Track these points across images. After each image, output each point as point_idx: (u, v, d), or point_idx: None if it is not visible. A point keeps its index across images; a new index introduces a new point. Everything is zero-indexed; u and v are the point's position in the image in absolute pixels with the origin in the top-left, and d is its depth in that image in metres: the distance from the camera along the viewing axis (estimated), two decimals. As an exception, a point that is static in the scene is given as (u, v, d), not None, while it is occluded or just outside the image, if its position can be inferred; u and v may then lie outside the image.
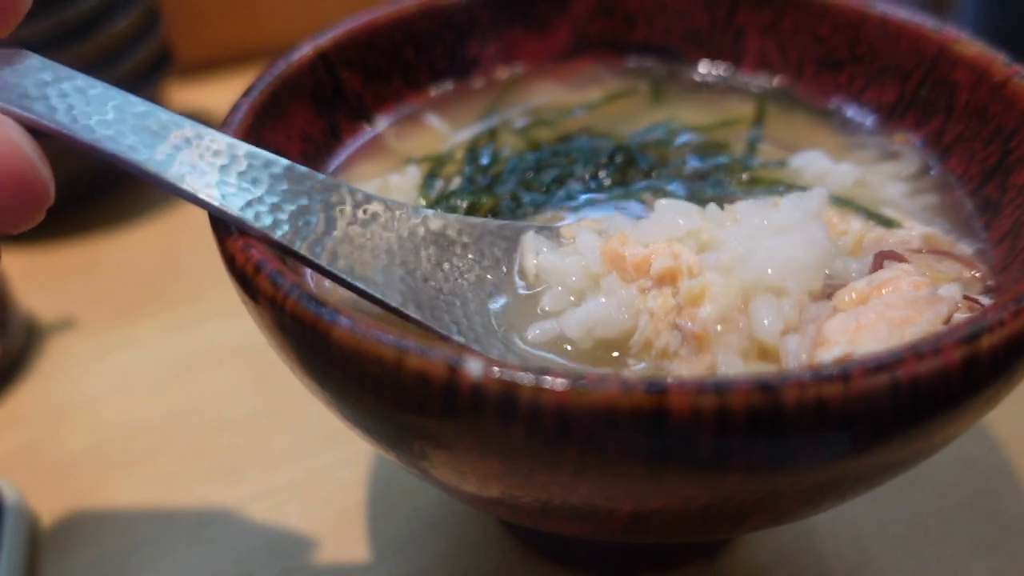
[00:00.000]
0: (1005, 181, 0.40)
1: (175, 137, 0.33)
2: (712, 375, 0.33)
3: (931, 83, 0.45)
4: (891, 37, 0.47)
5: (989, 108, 0.42)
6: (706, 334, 0.34)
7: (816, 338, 0.33)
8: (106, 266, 0.74)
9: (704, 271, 0.35)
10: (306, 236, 0.34)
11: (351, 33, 0.49)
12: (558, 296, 0.37)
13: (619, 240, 0.37)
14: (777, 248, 0.35)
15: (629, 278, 0.37)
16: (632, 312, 0.36)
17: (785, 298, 0.34)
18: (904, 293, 0.34)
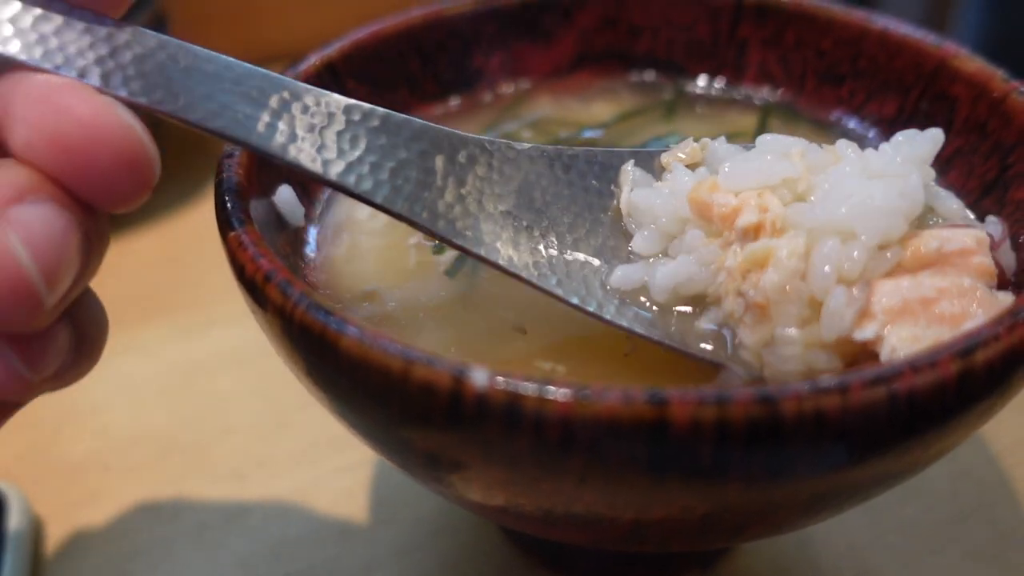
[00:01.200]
0: (1003, 196, 0.41)
1: (273, 101, 0.33)
2: (770, 348, 0.33)
3: (931, 97, 0.46)
4: (891, 52, 0.48)
5: (988, 123, 0.42)
6: (767, 303, 0.33)
7: (862, 309, 0.32)
8: (112, 271, 0.74)
9: (787, 227, 0.34)
10: (407, 195, 0.34)
11: (358, 44, 0.49)
12: (647, 239, 0.37)
13: (709, 187, 0.36)
14: (860, 191, 0.34)
15: (715, 231, 0.36)
16: (712, 270, 0.35)
17: (852, 245, 0.33)
18: (962, 280, 0.33)
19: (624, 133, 0.51)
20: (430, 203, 0.35)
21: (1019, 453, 0.55)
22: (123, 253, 0.76)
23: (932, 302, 0.32)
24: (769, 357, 0.33)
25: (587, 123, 0.53)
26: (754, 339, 0.34)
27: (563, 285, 0.36)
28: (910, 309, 0.32)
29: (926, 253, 0.33)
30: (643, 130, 0.52)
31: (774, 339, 0.33)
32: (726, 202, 0.35)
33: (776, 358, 0.33)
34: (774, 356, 0.33)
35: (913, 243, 0.34)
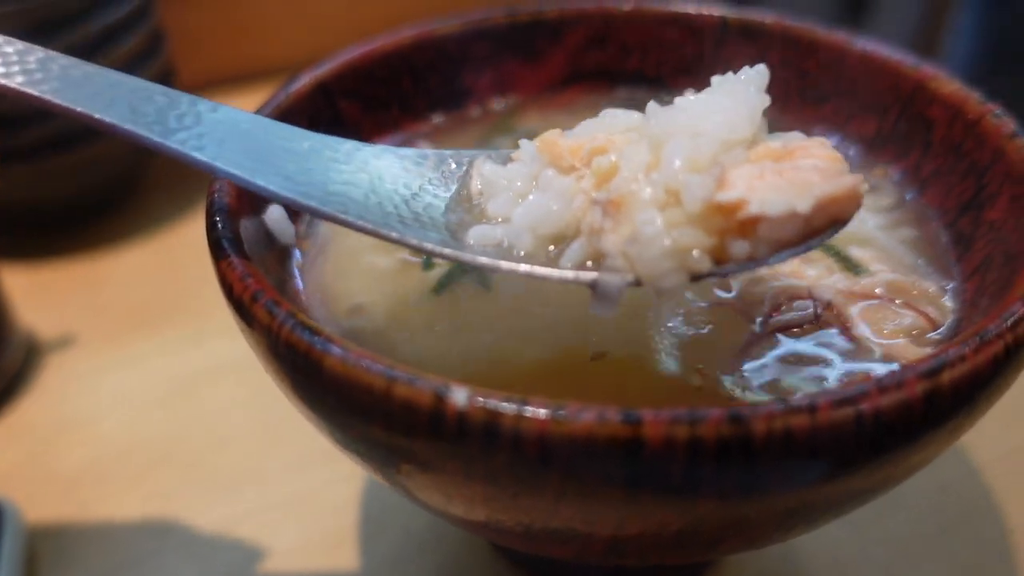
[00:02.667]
0: (979, 216, 0.41)
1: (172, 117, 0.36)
2: (634, 239, 0.32)
3: (909, 118, 0.47)
4: (871, 73, 0.49)
5: (964, 144, 0.43)
6: (620, 198, 0.33)
7: (720, 179, 0.32)
8: (107, 284, 0.75)
9: (634, 145, 0.35)
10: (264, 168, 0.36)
11: (349, 63, 0.50)
12: (502, 202, 0.38)
13: (553, 134, 0.37)
14: (701, 104, 0.35)
15: (567, 167, 0.36)
16: (568, 198, 0.35)
17: (701, 139, 0.33)
18: (815, 160, 0.34)
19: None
20: (270, 172, 0.36)
21: (1000, 466, 0.56)
22: (118, 267, 0.77)
23: (786, 171, 0.33)
24: (634, 250, 0.32)
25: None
26: (617, 239, 0.33)
27: (424, 238, 0.36)
28: (767, 176, 0.33)
29: (773, 149, 0.34)
30: (630, 148, 0.52)
31: (636, 231, 0.32)
32: (574, 141, 0.37)
33: (641, 248, 0.32)
34: (639, 247, 0.32)
35: (760, 147, 0.35)
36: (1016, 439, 0.58)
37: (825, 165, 0.33)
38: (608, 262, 0.33)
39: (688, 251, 0.32)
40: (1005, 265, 0.37)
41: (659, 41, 0.55)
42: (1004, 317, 0.30)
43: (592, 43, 0.56)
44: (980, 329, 0.30)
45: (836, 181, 0.33)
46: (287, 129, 0.39)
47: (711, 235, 0.32)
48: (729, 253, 0.32)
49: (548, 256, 0.35)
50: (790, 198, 0.31)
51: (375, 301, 0.41)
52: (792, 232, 0.32)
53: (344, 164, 0.38)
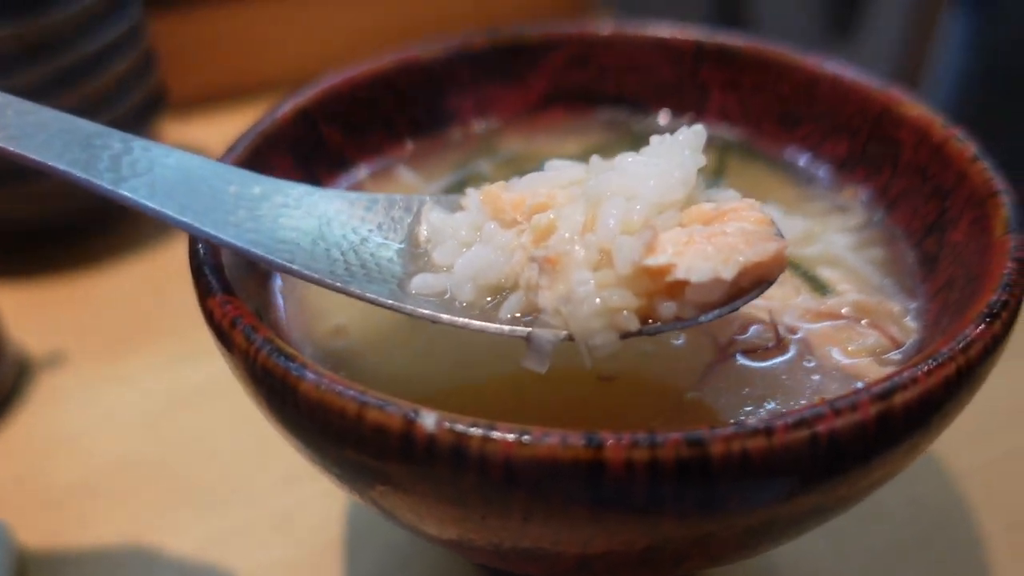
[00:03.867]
0: (942, 237, 0.42)
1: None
2: (568, 298, 0.34)
3: (877, 140, 0.48)
4: (842, 96, 0.50)
5: (929, 167, 0.45)
6: (556, 257, 0.34)
7: (650, 243, 0.34)
8: (97, 302, 0.76)
9: (572, 201, 0.36)
10: (193, 208, 0.36)
11: (332, 89, 0.51)
12: (447, 250, 0.39)
13: (498, 187, 0.39)
14: (639, 165, 0.37)
15: (508, 221, 0.38)
16: (508, 251, 0.37)
17: (635, 202, 0.35)
18: (744, 224, 0.35)
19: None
20: (220, 220, 0.36)
21: (975, 477, 0.57)
22: (109, 285, 0.78)
23: (716, 235, 0.34)
24: (567, 308, 0.34)
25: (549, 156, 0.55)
26: (552, 296, 0.34)
27: (367, 288, 0.37)
28: (696, 241, 0.34)
29: (706, 211, 0.36)
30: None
31: (570, 290, 0.34)
32: (517, 195, 0.38)
33: (574, 307, 0.34)
34: (572, 306, 0.34)
35: (692, 208, 0.36)
36: (990, 450, 0.59)
37: (753, 228, 0.35)
38: (542, 318, 0.35)
39: (618, 311, 0.34)
40: (966, 286, 0.38)
41: (637, 64, 0.56)
42: (957, 340, 0.31)
43: (572, 66, 0.57)
44: (933, 352, 0.31)
45: (760, 247, 0.34)
46: (239, 174, 0.40)
47: (640, 296, 0.34)
48: (657, 313, 0.34)
49: (487, 307, 0.37)
50: (715, 265, 0.33)
51: (355, 321, 0.42)
52: (718, 295, 0.34)
53: (294, 209, 0.39)
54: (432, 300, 0.37)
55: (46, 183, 0.73)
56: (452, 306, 0.37)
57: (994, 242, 0.37)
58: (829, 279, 0.43)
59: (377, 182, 0.53)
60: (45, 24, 0.69)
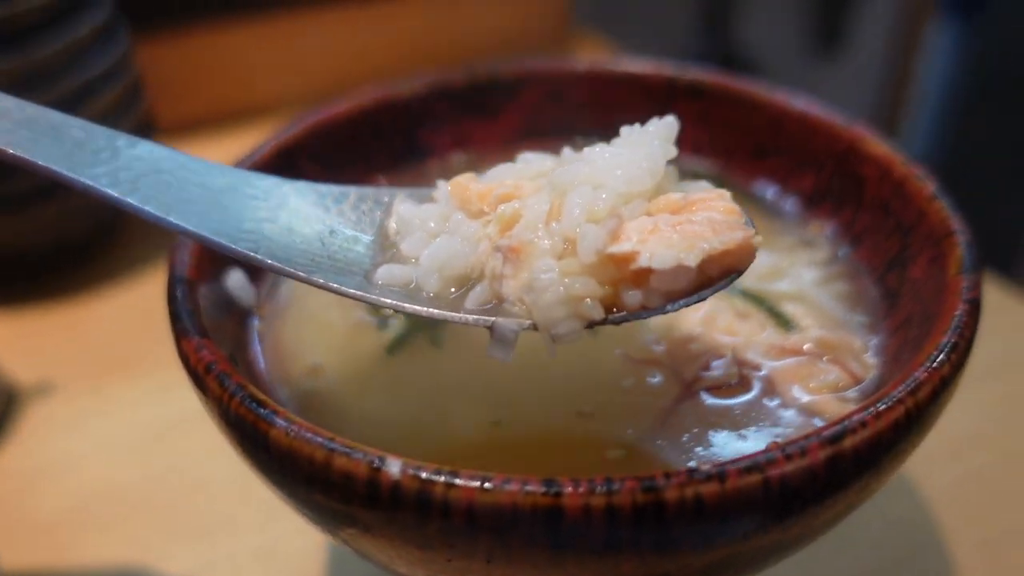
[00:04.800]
0: (903, 274, 0.44)
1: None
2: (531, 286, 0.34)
3: (842, 176, 0.49)
4: (809, 131, 0.51)
5: (891, 203, 0.46)
6: (521, 246, 0.34)
7: (614, 231, 0.33)
8: (87, 330, 0.77)
9: (539, 191, 0.36)
10: (161, 199, 0.36)
11: (313, 127, 0.52)
12: (415, 242, 0.38)
13: (466, 177, 0.38)
14: (607, 155, 0.36)
15: (475, 212, 0.37)
16: (474, 242, 0.36)
17: (601, 191, 0.35)
18: (712, 214, 0.35)
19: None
20: (183, 209, 0.36)
21: (947, 499, 0.58)
22: (97, 313, 0.79)
23: (681, 223, 0.34)
24: (530, 297, 0.34)
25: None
26: (516, 285, 0.34)
27: (332, 279, 0.37)
28: (661, 229, 0.34)
29: (673, 202, 0.36)
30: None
31: (533, 279, 0.34)
32: (484, 185, 0.38)
33: (537, 295, 0.34)
34: (535, 294, 0.34)
35: (661, 198, 0.36)
36: (959, 469, 0.60)
37: (721, 218, 0.35)
38: (506, 307, 0.35)
39: (581, 299, 0.34)
40: (923, 324, 0.39)
41: (612, 99, 0.58)
42: (907, 383, 0.32)
43: (548, 101, 0.58)
44: (883, 395, 0.32)
45: (727, 235, 0.34)
46: (205, 165, 0.39)
47: (604, 284, 0.34)
48: (623, 302, 0.34)
49: (453, 298, 0.37)
50: (678, 252, 0.33)
51: (331, 361, 0.43)
52: (683, 283, 0.34)
53: (262, 201, 0.39)
54: (398, 291, 0.37)
55: (33, 214, 0.74)
56: (418, 297, 0.37)
57: (948, 281, 0.38)
58: (793, 315, 0.44)
59: (356, 217, 0.54)
60: (34, 58, 0.71)
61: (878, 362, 0.41)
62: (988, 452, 0.61)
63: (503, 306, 0.35)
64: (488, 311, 0.36)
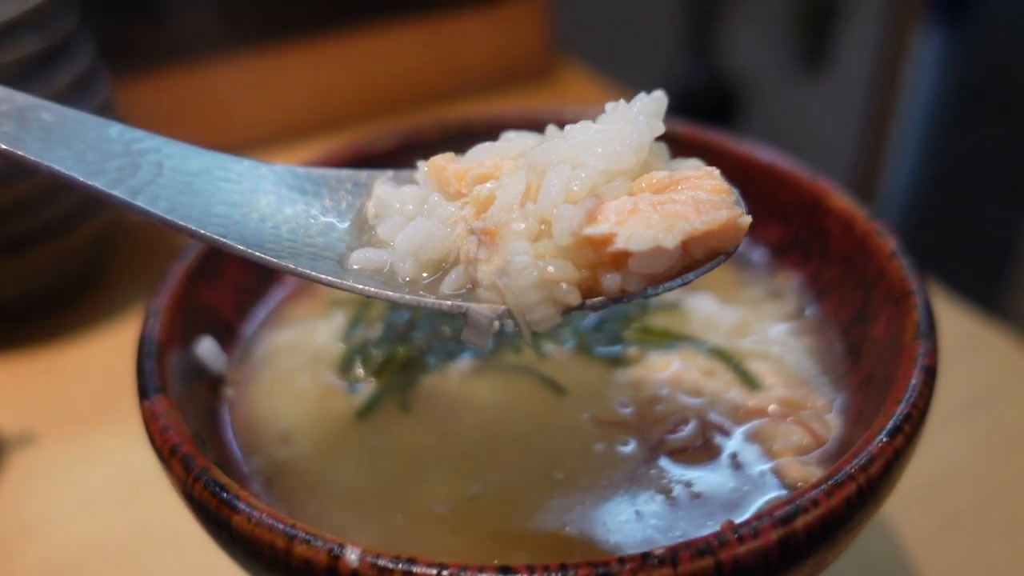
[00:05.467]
0: (865, 330, 0.44)
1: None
2: (504, 270, 0.32)
3: (808, 228, 0.50)
4: (775, 184, 0.52)
5: (854, 257, 0.46)
6: (495, 228, 0.33)
7: (592, 212, 0.32)
8: (69, 377, 0.77)
9: (517, 170, 0.34)
10: (128, 183, 0.35)
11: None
12: (392, 225, 0.37)
13: (444, 158, 0.37)
14: (590, 133, 0.35)
15: (453, 193, 0.36)
16: (451, 224, 0.35)
17: (581, 170, 0.33)
18: (698, 193, 0.33)
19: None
20: (152, 192, 0.35)
21: (924, 538, 0.58)
22: (80, 360, 0.79)
23: (663, 203, 0.33)
24: (503, 281, 0.32)
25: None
26: (490, 270, 0.33)
27: (304, 264, 0.36)
28: (641, 209, 0.32)
29: (658, 181, 0.34)
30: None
31: (507, 262, 0.32)
32: (462, 166, 0.36)
33: (510, 279, 0.32)
34: (508, 278, 0.32)
35: (644, 177, 0.34)
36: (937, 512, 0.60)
37: (707, 197, 0.33)
38: (479, 292, 0.33)
39: (556, 283, 0.32)
40: (882, 386, 0.39)
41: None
42: (859, 458, 0.33)
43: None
44: (834, 472, 0.32)
45: (709, 215, 0.32)
46: (180, 148, 0.38)
47: (581, 268, 0.33)
48: (602, 286, 0.33)
49: (428, 282, 0.35)
50: (657, 233, 0.31)
51: (301, 427, 0.44)
52: (664, 266, 0.33)
53: (236, 184, 0.38)
54: (371, 276, 0.36)
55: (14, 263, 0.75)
56: (393, 281, 0.36)
57: (905, 345, 0.38)
58: (759, 373, 0.45)
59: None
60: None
61: (841, 421, 0.42)
62: (972, 489, 0.61)
63: (478, 291, 0.34)
64: (463, 296, 0.34)
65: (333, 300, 0.52)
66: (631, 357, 0.46)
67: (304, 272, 0.35)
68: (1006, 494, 0.61)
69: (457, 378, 0.46)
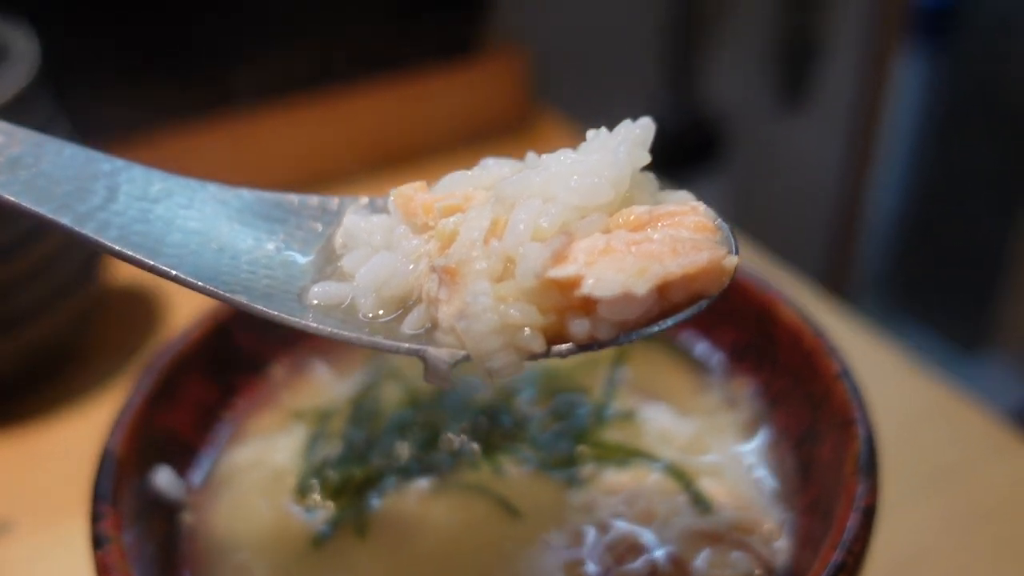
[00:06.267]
0: (813, 450, 0.45)
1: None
2: (463, 313, 0.30)
3: (760, 336, 0.50)
4: (728, 288, 0.52)
5: (802, 372, 0.47)
6: (456, 267, 0.31)
7: (559, 251, 0.30)
8: (43, 461, 0.77)
9: (486, 202, 0.33)
10: (77, 209, 0.34)
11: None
12: (357, 257, 0.35)
13: (414, 187, 0.35)
14: (567, 163, 0.32)
15: (420, 226, 0.34)
16: (415, 262, 0.33)
17: (550, 204, 0.31)
18: (679, 231, 0.31)
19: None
20: (103, 219, 0.34)
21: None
22: (54, 441, 0.79)
23: (640, 243, 0.31)
24: (462, 325, 0.30)
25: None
26: (449, 311, 0.30)
27: (258, 301, 0.34)
28: (615, 249, 0.30)
29: (636, 217, 0.32)
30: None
31: (466, 304, 0.30)
32: (430, 196, 0.34)
33: (470, 323, 0.30)
34: (467, 322, 0.30)
35: (623, 212, 0.32)
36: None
37: (688, 236, 0.31)
38: (438, 335, 0.31)
39: (519, 328, 0.30)
40: (825, 518, 0.40)
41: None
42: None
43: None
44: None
45: (688, 257, 0.30)
46: (141, 172, 0.37)
47: (547, 312, 0.30)
48: (569, 332, 0.30)
49: (390, 321, 0.34)
50: (627, 278, 0.29)
51: (258, 558, 0.44)
52: (637, 312, 0.30)
53: (198, 210, 0.37)
54: (330, 312, 0.34)
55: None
56: (353, 318, 0.34)
57: (845, 479, 0.39)
58: (712, 492, 0.45)
59: (294, 378, 0.55)
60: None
61: (790, 545, 0.42)
62: (943, 565, 0.61)
63: (436, 334, 0.32)
64: (423, 338, 0.32)
65: (294, 412, 0.53)
66: (586, 475, 0.46)
67: (255, 308, 0.34)
68: (978, 570, 0.61)
69: (415, 499, 0.46)
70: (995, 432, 0.70)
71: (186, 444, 0.48)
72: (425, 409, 0.51)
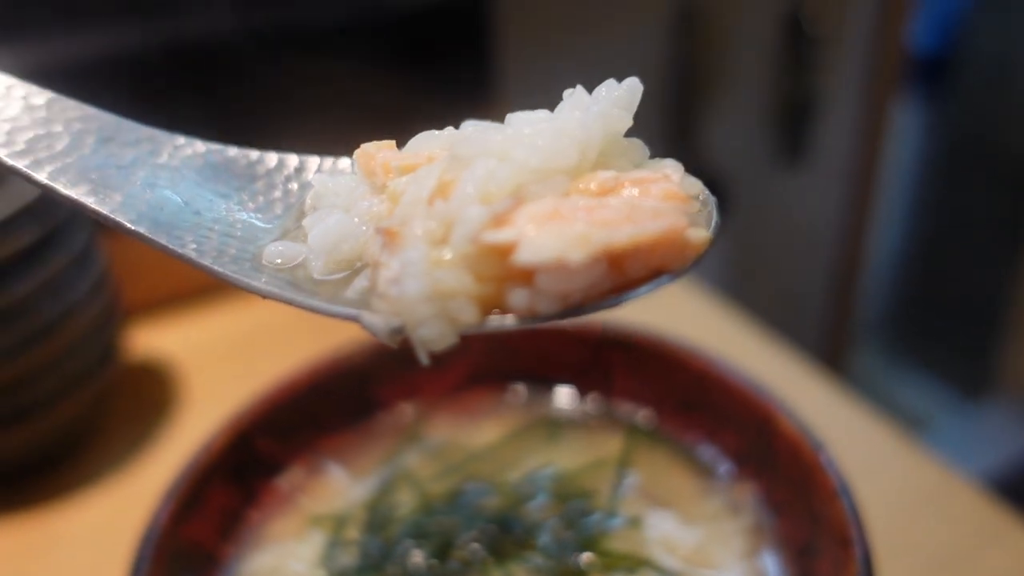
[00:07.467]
0: (812, 564, 0.46)
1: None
2: (396, 278, 0.29)
3: (762, 444, 0.52)
4: (728, 395, 0.54)
5: (801, 485, 0.49)
6: (398, 229, 0.29)
7: (501, 215, 0.28)
8: (54, 547, 0.78)
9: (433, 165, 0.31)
10: (41, 157, 0.34)
11: (266, 402, 0.56)
12: (320, 214, 0.34)
13: (378, 145, 0.34)
14: (533, 123, 0.31)
15: (380, 185, 0.33)
16: (368, 223, 0.33)
17: (504, 164, 0.29)
18: (643, 200, 0.29)
19: (506, 464, 0.57)
20: (61, 166, 0.34)
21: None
22: (75, 524, 0.79)
23: (594, 209, 0.28)
24: (394, 290, 0.29)
25: (477, 447, 0.59)
26: (388, 278, 0.29)
27: (213, 260, 0.34)
28: (562, 215, 0.28)
29: (601, 183, 0.30)
30: (524, 456, 0.58)
31: (399, 269, 0.29)
32: (391, 155, 0.33)
33: (401, 288, 0.28)
34: (399, 287, 0.28)
35: (587, 176, 0.30)
36: None
37: (651, 205, 0.29)
38: (373, 300, 0.30)
39: (451, 296, 0.28)
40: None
41: (547, 349, 0.61)
42: None
43: (490, 351, 0.62)
44: None
45: (644, 226, 0.28)
46: (113, 120, 0.37)
47: (485, 281, 0.29)
48: (508, 303, 0.29)
49: (337, 281, 0.33)
50: (563, 244, 0.27)
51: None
52: (580, 284, 0.28)
53: (169, 159, 0.36)
54: (284, 273, 0.34)
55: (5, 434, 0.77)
56: (305, 278, 0.33)
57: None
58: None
59: (311, 481, 0.57)
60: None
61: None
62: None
63: (372, 299, 0.30)
64: (362, 303, 0.31)
65: (311, 518, 0.54)
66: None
67: (209, 267, 0.33)
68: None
69: (428, 611, 0.48)
70: (993, 516, 0.72)
71: (209, 556, 0.50)
72: (438, 516, 0.53)
